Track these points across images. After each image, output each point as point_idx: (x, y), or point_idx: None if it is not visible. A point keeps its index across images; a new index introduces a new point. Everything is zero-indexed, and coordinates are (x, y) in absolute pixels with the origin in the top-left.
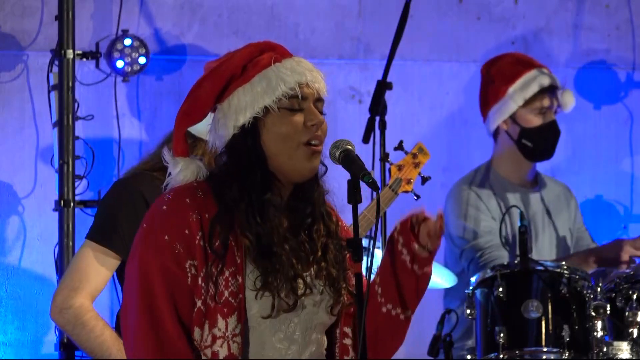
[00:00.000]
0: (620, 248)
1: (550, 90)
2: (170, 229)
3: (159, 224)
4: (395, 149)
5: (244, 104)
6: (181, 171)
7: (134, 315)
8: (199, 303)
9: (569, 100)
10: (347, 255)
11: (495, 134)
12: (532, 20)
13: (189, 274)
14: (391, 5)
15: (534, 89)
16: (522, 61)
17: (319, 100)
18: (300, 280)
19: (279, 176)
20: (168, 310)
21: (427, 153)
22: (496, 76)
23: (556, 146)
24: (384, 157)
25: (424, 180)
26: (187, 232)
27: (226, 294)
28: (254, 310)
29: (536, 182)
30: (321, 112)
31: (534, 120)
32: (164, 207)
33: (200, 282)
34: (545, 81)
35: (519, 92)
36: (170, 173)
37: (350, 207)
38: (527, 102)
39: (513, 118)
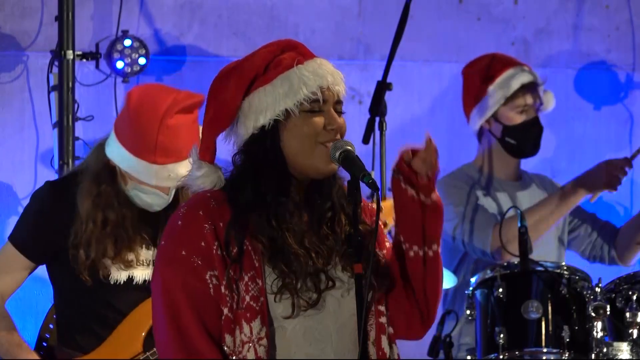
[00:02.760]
0: (603, 173)
1: (531, 87)
2: (186, 243)
3: (175, 239)
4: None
5: (265, 105)
6: (201, 177)
7: (163, 333)
8: (225, 311)
9: (549, 101)
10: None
11: (479, 134)
12: (532, 20)
13: (211, 285)
14: (391, 6)
15: (514, 86)
16: (501, 60)
17: (338, 102)
18: (322, 275)
19: (297, 175)
20: (194, 325)
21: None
22: (476, 76)
23: (540, 142)
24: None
25: None
26: (203, 244)
27: (247, 298)
28: (277, 312)
29: (521, 178)
30: (340, 113)
31: (516, 118)
32: (179, 222)
33: (223, 290)
34: (526, 78)
35: (499, 90)
36: (191, 173)
37: None
38: (508, 100)
39: (495, 117)
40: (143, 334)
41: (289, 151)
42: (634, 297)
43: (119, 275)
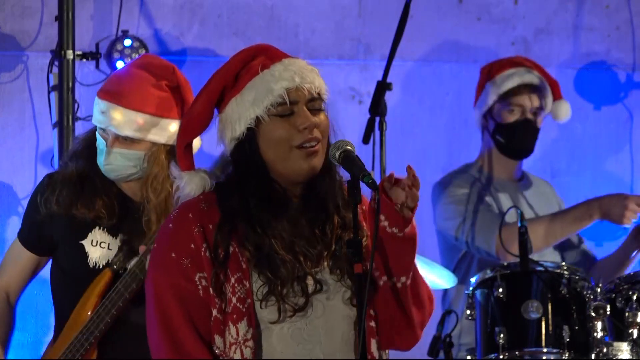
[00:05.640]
0: (624, 205)
1: (530, 89)
2: (175, 245)
3: (165, 242)
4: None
5: (237, 116)
6: (186, 185)
7: (155, 335)
8: (214, 312)
9: (562, 111)
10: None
11: (482, 133)
12: (532, 20)
13: (200, 287)
14: (391, 6)
15: (509, 84)
16: (512, 61)
17: (312, 100)
18: (309, 279)
19: (280, 181)
20: (185, 326)
21: None
22: (484, 73)
23: (531, 145)
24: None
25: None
26: (192, 246)
27: (234, 300)
28: (263, 316)
29: (523, 179)
30: (318, 110)
31: (507, 117)
32: (170, 225)
33: (212, 292)
34: (525, 79)
35: (495, 87)
36: (178, 186)
37: None
38: (502, 98)
39: (490, 113)
40: (89, 312)
41: (268, 158)
42: (634, 297)
43: (98, 257)
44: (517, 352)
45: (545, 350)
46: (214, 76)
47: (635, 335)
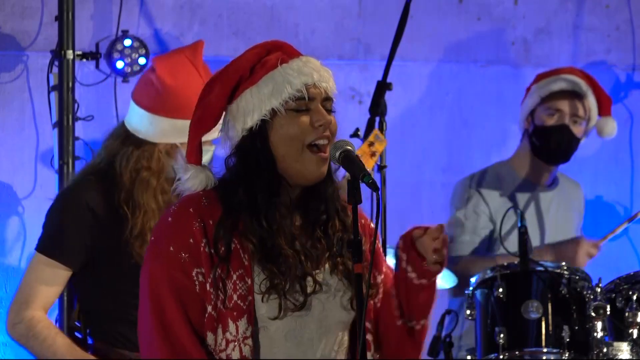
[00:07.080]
0: (577, 247)
1: (572, 96)
2: (175, 239)
3: (164, 235)
4: (351, 136)
5: (252, 107)
6: (190, 179)
7: (147, 326)
8: (209, 308)
9: (607, 128)
10: (367, 248)
11: (523, 134)
12: (532, 20)
13: (197, 282)
14: (391, 6)
15: (551, 88)
16: (564, 69)
17: (326, 99)
18: (309, 279)
19: (287, 178)
20: (179, 319)
21: (383, 140)
22: (535, 78)
23: (568, 152)
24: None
25: (381, 168)
26: (191, 240)
27: (235, 297)
28: (262, 312)
29: (552, 185)
30: (330, 111)
31: (546, 120)
32: (170, 219)
33: (209, 288)
34: (568, 85)
35: (539, 89)
36: (179, 178)
37: None
38: (544, 101)
39: (532, 116)
40: None
41: (278, 153)
42: (634, 297)
43: None
44: (517, 352)
45: (545, 350)
46: (226, 68)
47: (635, 335)
